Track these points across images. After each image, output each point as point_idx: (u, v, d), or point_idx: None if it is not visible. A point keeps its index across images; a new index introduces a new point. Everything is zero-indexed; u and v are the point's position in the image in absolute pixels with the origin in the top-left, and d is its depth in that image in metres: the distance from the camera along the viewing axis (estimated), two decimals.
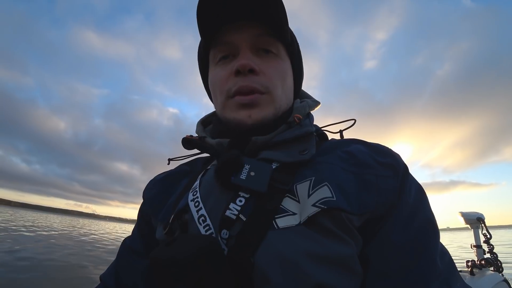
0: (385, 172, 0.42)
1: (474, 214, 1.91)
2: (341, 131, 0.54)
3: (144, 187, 0.62)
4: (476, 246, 1.82)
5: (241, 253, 0.36)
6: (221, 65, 0.51)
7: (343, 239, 0.36)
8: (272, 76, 0.49)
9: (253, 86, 0.47)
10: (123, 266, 0.56)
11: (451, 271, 0.39)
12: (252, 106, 0.48)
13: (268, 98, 0.49)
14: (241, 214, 0.38)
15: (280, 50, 0.51)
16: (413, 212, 0.40)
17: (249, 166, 0.42)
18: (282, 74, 0.51)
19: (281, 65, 0.51)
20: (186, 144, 0.55)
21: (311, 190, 0.39)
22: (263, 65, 0.49)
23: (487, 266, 1.63)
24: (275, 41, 0.51)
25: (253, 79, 0.47)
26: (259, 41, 0.50)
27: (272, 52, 0.50)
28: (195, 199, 0.44)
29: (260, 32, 0.49)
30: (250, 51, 0.49)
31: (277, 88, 0.49)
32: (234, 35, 0.49)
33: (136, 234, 0.59)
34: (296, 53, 0.56)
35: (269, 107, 0.49)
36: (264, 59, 0.50)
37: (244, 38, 0.49)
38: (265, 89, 0.48)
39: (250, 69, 0.47)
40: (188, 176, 0.56)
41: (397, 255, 0.38)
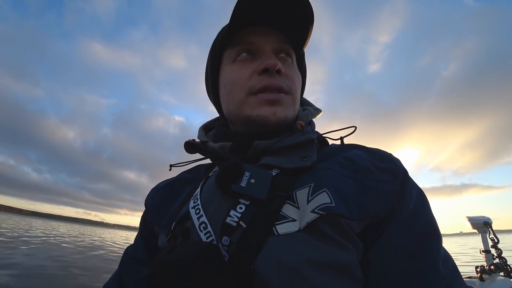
0: (385, 177, 0.42)
1: (480, 218, 1.88)
2: (341, 138, 0.54)
3: (147, 195, 0.62)
4: (485, 251, 1.79)
5: (241, 259, 0.36)
6: (240, 63, 0.51)
7: (343, 245, 0.36)
8: (294, 79, 0.52)
9: (280, 85, 0.49)
10: (126, 274, 0.56)
11: (455, 277, 0.38)
12: (278, 103, 0.49)
13: (291, 99, 0.51)
14: (242, 221, 0.39)
15: (294, 59, 0.55)
16: (413, 217, 0.40)
17: (249, 173, 0.43)
18: (298, 80, 0.54)
19: (297, 71, 0.55)
20: (189, 148, 0.56)
21: (310, 196, 0.39)
22: (286, 69, 0.51)
23: (496, 271, 1.60)
24: (292, 50, 0.54)
25: (280, 79, 0.49)
26: (281, 47, 0.52)
27: (288, 58, 0.53)
28: (196, 206, 0.44)
29: (283, 39, 0.52)
30: (273, 54, 0.51)
31: (297, 91, 0.53)
32: (260, 37, 0.51)
33: (139, 242, 0.59)
34: (303, 67, 0.59)
35: (291, 108, 0.51)
36: (284, 64, 0.52)
37: (269, 41, 0.51)
38: (289, 90, 0.50)
39: (277, 70, 0.49)
40: (190, 184, 0.57)
41: (399, 260, 0.37)
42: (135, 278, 0.54)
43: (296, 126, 0.51)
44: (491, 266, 1.63)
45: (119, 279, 0.56)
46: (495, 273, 1.59)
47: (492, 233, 1.81)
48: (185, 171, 0.64)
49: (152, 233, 0.56)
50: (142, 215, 0.61)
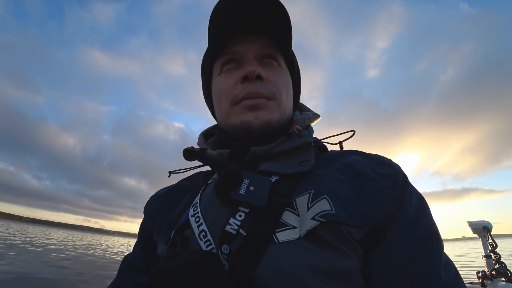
0: (384, 183, 0.42)
1: (480, 223, 1.88)
2: (340, 142, 0.55)
3: (146, 203, 0.62)
4: (485, 256, 1.78)
5: (242, 268, 0.35)
6: (225, 74, 0.53)
7: (344, 252, 0.36)
8: (277, 83, 0.52)
9: (261, 91, 0.49)
10: (124, 282, 0.55)
11: (456, 282, 0.38)
12: (259, 108, 0.49)
13: (274, 104, 0.51)
14: (241, 229, 0.38)
15: (282, 62, 0.55)
16: (414, 223, 0.40)
17: (249, 180, 0.42)
18: (285, 83, 0.54)
19: (284, 74, 0.54)
20: (188, 155, 0.55)
21: (310, 203, 0.39)
22: (269, 73, 0.51)
23: (498, 276, 1.59)
24: (277, 54, 0.54)
25: (260, 85, 0.50)
26: (264, 52, 0.52)
27: (276, 62, 0.53)
28: (195, 215, 0.44)
29: (266, 44, 0.52)
30: (255, 60, 0.52)
31: (282, 95, 0.52)
32: (242, 45, 0.52)
33: (138, 250, 0.59)
34: (296, 68, 0.58)
35: (274, 112, 0.50)
36: (269, 68, 0.52)
37: (250, 48, 0.52)
38: (271, 95, 0.50)
39: (257, 76, 0.49)
40: (189, 192, 0.56)
41: (400, 266, 0.37)
42: (134, 287, 0.53)
43: (292, 131, 0.51)
44: (492, 271, 1.62)
45: (117, 287, 0.55)
46: (496, 278, 1.58)
47: (490, 238, 1.80)
48: (184, 178, 0.64)
49: (151, 241, 0.56)
50: (141, 222, 0.60)
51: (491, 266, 1.71)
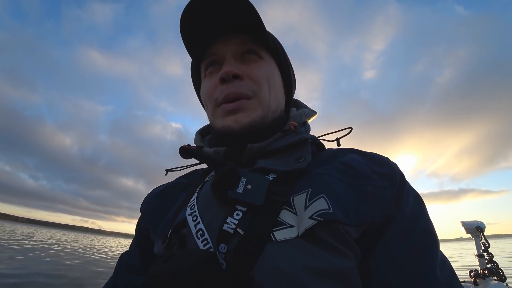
0: (382, 183, 0.42)
1: (473, 223, 1.91)
2: (337, 139, 0.54)
3: (144, 199, 0.61)
4: (478, 255, 1.81)
5: (239, 267, 0.35)
6: (208, 76, 0.54)
7: (341, 251, 0.36)
8: (257, 77, 0.51)
9: (239, 91, 0.49)
10: (120, 282, 0.55)
11: (452, 281, 0.38)
12: (238, 111, 0.49)
13: (255, 101, 0.50)
14: (239, 228, 0.38)
15: (263, 54, 0.53)
16: (411, 222, 0.40)
17: (246, 179, 0.42)
18: (267, 74, 0.52)
19: (266, 66, 0.53)
20: (184, 154, 0.55)
21: (307, 202, 0.39)
22: (247, 68, 0.51)
23: (490, 275, 1.61)
24: (258, 47, 0.53)
25: (238, 84, 0.49)
26: (243, 48, 0.52)
27: (256, 55, 0.53)
28: (193, 213, 0.43)
29: (243, 40, 0.52)
30: (234, 58, 0.51)
31: (263, 89, 0.51)
32: (220, 46, 0.53)
33: (134, 249, 0.58)
34: (282, 58, 0.57)
35: (256, 110, 0.50)
36: (248, 62, 0.52)
37: (228, 47, 0.52)
38: (251, 93, 0.50)
39: (234, 75, 0.49)
40: (186, 189, 0.56)
41: (397, 266, 0.37)
42: (130, 286, 0.53)
43: (288, 127, 0.51)
44: (484, 270, 1.65)
45: (113, 287, 0.55)
46: (488, 277, 1.60)
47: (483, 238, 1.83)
48: (181, 176, 0.63)
49: (147, 239, 0.55)
50: (138, 221, 0.60)
51: (484, 265, 1.73)
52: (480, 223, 1.88)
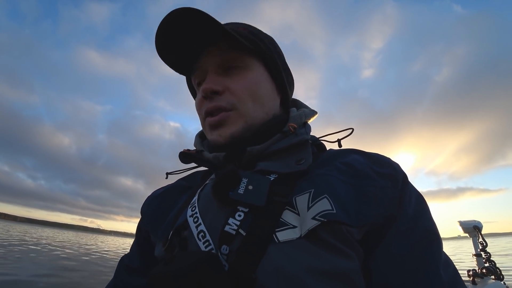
0: (384, 183, 0.42)
1: (471, 223, 1.92)
2: (339, 140, 0.54)
3: (142, 203, 0.61)
4: (476, 254, 1.81)
5: (242, 268, 0.35)
6: (198, 92, 0.55)
7: (345, 252, 0.36)
8: (237, 91, 0.50)
9: (218, 105, 0.49)
10: (121, 285, 0.54)
11: (456, 281, 0.38)
12: (220, 125, 0.50)
13: (236, 114, 0.50)
14: (241, 229, 0.38)
15: (247, 61, 0.51)
16: (413, 223, 0.40)
17: (247, 179, 0.42)
18: (250, 85, 0.51)
19: (249, 76, 0.51)
20: (184, 159, 0.54)
21: (310, 202, 0.39)
22: (229, 81, 0.50)
23: (488, 274, 1.62)
24: (239, 54, 0.51)
25: (217, 100, 0.50)
26: (223, 58, 0.51)
27: (237, 66, 0.51)
28: (194, 215, 0.43)
29: (222, 50, 0.51)
30: (215, 72, 0.51)
31: (244, 102, 0.50)
32: (203, 60, 0.53)
33: (135, 251, 0.58)
34: (269, 60, 0.54)
35: (236, 123, 0.49)
36: (231, 75, 0.51)
37: (209, 61, 0.52)
38: (230, 106, 0.49)
39: (212, 92, 0.49)
40: (187, 192, 0.56)
41: (399, 267, 0.37)
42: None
43: (288, 129, 0.50)
44: (482, 269, 1.65)
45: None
46: (486, 276, 1.61)
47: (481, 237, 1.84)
48: (181, 178, 0.63)
49: (148, 242, 0.55)
50: (138, 223, 0.59)
51: (482, 264, 1.74)
52: (478, 222, 1.89)
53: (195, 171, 0.63)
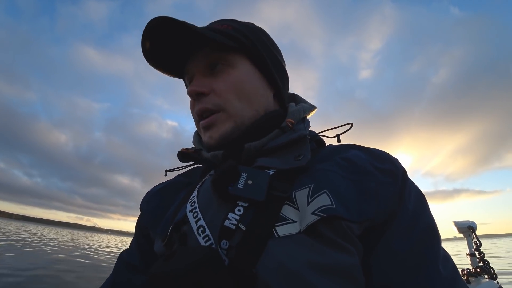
0: (385, 179, 0.42)
1: (465, 223, 1.94)
2: (338, 135, 0.54)
3: (142, 199, 0.61)
4: (470, 254, 1.84)
5: (242, 264, 0.35)
6: None
7: (344, 247, 0.36)
8: (221, 92, 0.50)
9: (205, 107, 0.50)
10: (120, 281, 0.54)
11: (455, 277, 0.38)
12: (210, 126, 0.50)
13: (224, 115, 0.50)
14: (241, 224, 0.38)
15: (231, 59, 0.51)
16: (413, 219, 0.40)
17: (246, 174, 0.42)
18: (234, 84, 0.50)
19: (233, 74, 0.51)
20: (183, 158, 0.54)
21: (310, 197, 0.38)
22: (215, 81, 0.51)
23: (482, 274, 1.64)
24: (223, 54, 0.51)
25: (204, 101, 0.50)
26: (208, 60, 0.52)
27: (222, 66, 0.51)
28: (193, 210, 0.43)
29: (207, 52, 0.51)
30: (202, 74, 0.52)
31: (230, 102, 0.50)
32: (190, 63, 0.54)
33: (134, 248, 0.57)
34: (255, 56, 0.53)
35: (225, 124, 0.50)
36: (219, 75, 0.51)
37: (196, 64, 0.53)
38: (216, 107, 0.50)
39: (197, 94, 0.50)
40: (186, 188, 0.55)
41: (400, 263, 0.37)
42: (130, 285, 0.52)
43: (286, 124, 0.50)
44: (476, 269, 1.68)
45: (112, 286, 0.54)
46: (480, 275, 1.63)
47: (475, 237, 1.86)
48: (181, 174, 0.63)
49: (147, 238, 0.54)
50: (137, 219, 0.59)
51: (475, 264, 1.76)
52: (472, 222, 1.92)
53: (195, 166, 0.63)
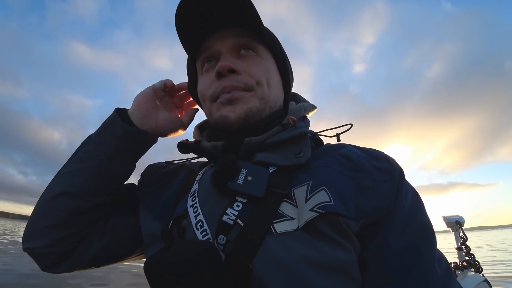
0: (382, 177, 0.42)
1: (453, 218, 1.99)
2: (337, 134, 0.55)
3: (144, 169, 0.62)
4: (457, 248, 1.89)
5: (239, 259, 0.35)
6: (205, 73, 0.53)
7: (342, 244, 0.36)
8: (254, 73, 0.50)
9: (235, 85, 0.48)
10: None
11: (449, 276, 0.39)
12: (236, 101, 0.48)
13: (253, 94, 0.49)
14: (239, 219, 0.38)
15: (260, 50, 0.53)
16: (409, 217, 0.40)
17: (246, 170, 0.42)
18: (265, 71, 0.51)
19: (263, 63, 0.52)
20: (182, 149, 0.54)
21: (308, 194, 0.39)
22: (245, 65, 0.50)
23: (468, 267, 1.69)
24: (254, 42, 0.52)
25: (235, 79, 0.48)
26: (239, 43, 0.51)
27: (253, 51, 0.52)
28: (194, 205, 0.43)
29: (239, 34, 0.51)
30: (230, 54, 0.51)
31: (261, 84, 0.50)
32: (216, 41, 0.52)
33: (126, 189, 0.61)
34: (279, 53, 0.56)
35: (252, 101, 0.49)
36: (245, 59, 0.51)
37: (224, 43, 0.51)
38: (248, 87, 0.49)
39: (230, 70, 0.48)
40: (188, 174, 0.56)
41: (396, 260, 0.38)
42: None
43: (287, 121, 0.50)
44: (463, 262, 1.72)
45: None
46: (467, 269, 1.68)
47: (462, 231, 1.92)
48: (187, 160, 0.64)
49: (132, 198, 0.57)
50: (137, 182, 0.61)
51: (462, 257, 1.81)
52: (460, 217, 1.96)
53: (197, 161, 0.63)
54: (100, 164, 0.51)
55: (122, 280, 5.62)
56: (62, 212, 0.49)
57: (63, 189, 0.50)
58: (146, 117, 0.55)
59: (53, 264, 0.51)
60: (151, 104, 0.56)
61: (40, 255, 0.50)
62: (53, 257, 0.50)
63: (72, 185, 0.50)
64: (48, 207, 0.50)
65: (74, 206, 0.49)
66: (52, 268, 0.52)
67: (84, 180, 0.50)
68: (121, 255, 0.57)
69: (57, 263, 0.51)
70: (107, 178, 0.52)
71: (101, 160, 0.51)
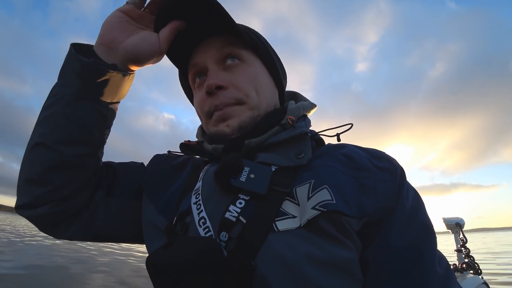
0: (384, 176, 0.42)
1: (453, 220, 1.99)
2: (338, 134, 0.54)
3: (151, 158, 0.63)
4: (457, 250, 1.89)
5: (241, 256, 0.35)
6: (198, 89, 0.54)
7: (343, 242, 0.37)
8: (241, 85, 0.50)
9: (226, 101, 0.49)
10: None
11: (450, 276, 0.39)
12: (228, 117, 0.49)
13: (244, 107, 0.50)
14: (241, 216, 0.38)
15: (245, 55, 0.52)
16: (410, 216, 0.41)
17: (249, 168, 0.42)
18: (252, 78, 0.51)
19: (250, 69, 0.52)
20: (185, 150, 0.55)
21: (310, 193, 0.39)
22: (231, 76, 0.50)
23: (467, 269, 1.69)
24: (236, 49, 0.51)
25: (224, 95, 0.49)
26: (222, 54, 0.51)
27: (238, 59, 0.51)
28: (197, 202, 0.44)
29: (221, 44, 0.51)
30: (216, 67, 0.51)
31: (249, 94, 0.50)
32: (200, 55, 0.52)
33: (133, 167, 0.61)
34: (265, 53, 0.55)
35: (244, 114, 0.50)
36: (231, 70, 0.51)
37: (209, 56, 0.51)
38: (237, 101, 0.49)
39: (217, 87, 0.49)
40: (192, 169, 0.57)
41: (397, 259, 0.38)
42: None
43: (286, 121, 0.50)
44: (463, 264, 1.72)
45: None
46: (466, 271, 1.68)
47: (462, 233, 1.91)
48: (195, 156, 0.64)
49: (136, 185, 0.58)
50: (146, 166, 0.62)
51: (462, 259, 1.81)
52: (460, 219, 1.96)
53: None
54: (65, 108, 0.47)
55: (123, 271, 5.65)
56: (37, 165, 0.47)
57: (36, 140, 0.47)
58: (112, 48, 0.48)
59: (50, 227, 0.51)
60: (118, 31, 0.49)
61: (31, 219, 0.50)
62: (45, 221, 0.50)
63: (42, 135, 0.47)
64: (25, 161, 0.48)
65: (47, 158, 0.46)
66: (50, 231, 0.52)
67: (52, 128, 0.47)
68: (121, 236, 0.58)
69: (51, 228, 0.51)
70: (76, 124, 0.47)
71: (66, 102, 0.47)
